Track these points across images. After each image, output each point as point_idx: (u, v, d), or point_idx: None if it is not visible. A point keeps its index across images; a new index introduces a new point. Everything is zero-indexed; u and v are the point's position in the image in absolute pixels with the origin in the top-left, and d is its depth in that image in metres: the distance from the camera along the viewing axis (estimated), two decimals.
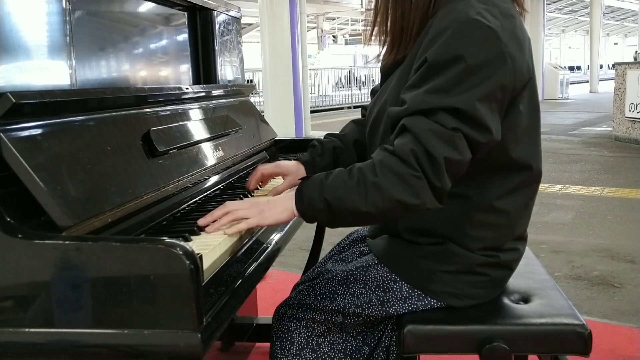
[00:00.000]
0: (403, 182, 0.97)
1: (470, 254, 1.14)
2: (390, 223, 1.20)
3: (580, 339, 1.12)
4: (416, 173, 0.96)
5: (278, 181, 1.45)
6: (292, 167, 1.35)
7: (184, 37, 1.67)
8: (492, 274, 1.17)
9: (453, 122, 0.98)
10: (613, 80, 7.82)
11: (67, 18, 1.12)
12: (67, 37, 1.12)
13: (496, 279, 1.19)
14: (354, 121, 1.45)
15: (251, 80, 10.04)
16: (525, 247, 1.25)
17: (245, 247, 1.08)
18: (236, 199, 1.29)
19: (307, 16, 10.89)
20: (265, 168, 1.36)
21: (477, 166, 1.06)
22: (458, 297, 1.16)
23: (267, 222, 1.06)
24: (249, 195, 1.36)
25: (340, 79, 18.23)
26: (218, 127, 1.53)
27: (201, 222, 1.06)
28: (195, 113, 1.48)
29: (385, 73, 1.23)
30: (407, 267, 1.17)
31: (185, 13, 1.67)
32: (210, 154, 1.42)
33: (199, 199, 1.31)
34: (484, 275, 1.16)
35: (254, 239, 1.13)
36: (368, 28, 1.20)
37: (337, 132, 1.43)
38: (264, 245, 1.18)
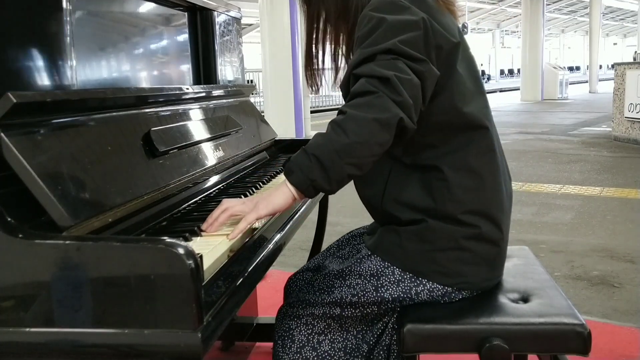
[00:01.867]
0: (369, 105, 1.02)
1: (451, 227, 1.16)
2: (376, 206, 1.23)
3: (580, 339, 1.12)
4: (376, 94, 1.02)
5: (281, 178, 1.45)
6: None
7: (184, 37, 1.67)
8: (477, 248, 1.18)
9: (391, 56, 1.05)
10: (612, 81, 7.82)
11: (67, 18, 1.13)
12: (67, 37, 1.12)
13: (482, 254, 1.19)
14: None
15: (251, 80, 10.04)
16: (507, 228, 1.25)
17: (245, 247, 1.08)
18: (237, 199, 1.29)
19: None
20: None
21: (440, 131, 1.16)
22: (448, 275, 1.17)
23: (265, 212, 1.06)
24: (250, 194, 1.36)
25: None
26: (218, 127, 1.54)
27: (204, 227, 1.07)
28: (196, 113, 1.48)
29: None
30: (395, 252, 1.19)
31: (186, 13, 1.67)
32: (210, 154, 1.42)
33: (199, 199, 1.31)
34: (468, 250, 1.17)
35: (254, 238, 1.14)
36: (332, 72, 1.30)
37: None
38: (264, 245, 1.18)
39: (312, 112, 10.58)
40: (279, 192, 1.06)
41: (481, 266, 1.20)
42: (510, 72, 37.73)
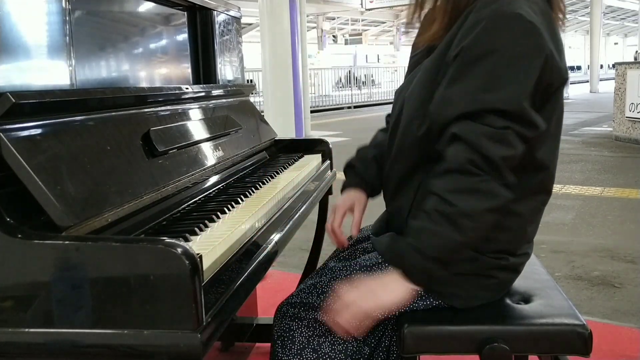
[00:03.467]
0: (477, 192, 0.98)
1: (481, 256, 1.12)
2: (402, 220, 1.19)
3: (581, 339, 1.12)
4: (482, 178, 0.98)
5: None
6: (350, 196, 1.35)
7: (183, 37, 1.67)
8: (500, 276, 1.16)
9: (502, 122, 0.99)
10: (613, 80, 7.82)
11: (67, 18, 1.12)
12: (67, 37, 1.12)
13: (503, 281, 1.18)
14: (380, 130, 1.43)
15: (251, 80, 10.03)
16: (532, 249, 1.24)
17: (245, 247, 1.08)
18: (236, 199, 1.29)
19: (307, 16, 10.90)
20: (336, 220, 1.34)
21: None
22: (463, 299, 1.15)
23: (390, 308, 1.07)
24: (249, 194, 1.36)
25: (340, 79, 18.24)
26: (218, 127, 1.53)
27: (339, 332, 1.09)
28: (195, 113, 1.48)
29: (412, 64, 1.24)
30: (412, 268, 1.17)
31: (185, 13, 1.67)
32: (210, 154, 1.42)
33: (199, 199, 1.31)
34: (492, 277, 1.15)
35: (254, 238, 1.13)
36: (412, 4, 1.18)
37: (367, 144, 1.42)
38: (264, 245, 1.18)
39: (312, 112, 10.58)
40: (396, 292, 1.05)
41: (499, 291, 1.19)
42: None
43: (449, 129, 1.02)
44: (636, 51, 13.34)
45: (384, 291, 1.05)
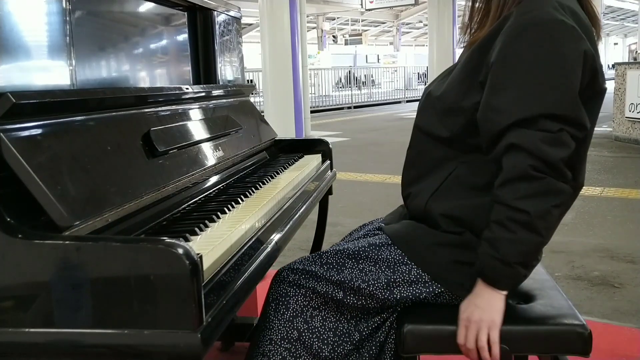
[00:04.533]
0: (544, 194, 1.02)
1: None
2: (418, 205, 1.21)
3: (581, 339, 1.12)
4: (543, 180, 1.02)
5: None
6: None
7: (184, 37, 1.67)
8: None
9: (556, 125, 1.03)
10: (613, 81, 7.82)
11: (67, 18, 1.12)
12: (67, 37, 1.12)
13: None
14: None
15: (251, 80, 10.04)
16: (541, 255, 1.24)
17: (246, 247, 1.08)
18: (237, 199, 1.29)
19: (307, 16, 10.91)
20: None
21: None
22: (467, 290, 1.14)
23: (500, 321, 1.09)
24: (250, 194, 1.36)
25: (340, 79, 18.22)
26: (218, 127, 1.53)
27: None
28: (195, 113, 1.48)
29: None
30: (419, 251, 1.17)
31: (185, 13, 1.67)
32: (210, 154, 1.42)
33: (199, 199, 1.31)
34: None
35: (254, 238, 1.14)
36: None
37: None
38: (264, 245, 1.18)
39: (312, 112, 10.58)
40: (494, 300, 1.08)
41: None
42: None
43: (504, 139, 1.05)
44: (636, 51, 13.32)
45: (489, 305, 1.08)
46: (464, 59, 1.18)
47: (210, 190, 1.39)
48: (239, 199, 1.30)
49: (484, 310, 1.08)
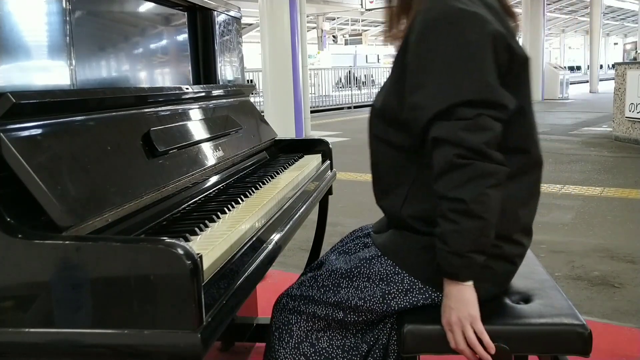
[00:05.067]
0: (475, 179, 1.03)
1: None
2: (394, 214, 1.21)
3: (581, 339, 1.12)
4: (470, 166, 1.03)
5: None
6: None
7: (184, 37, 1.67)
8: (495, 266, 1.17)
9: (472, 111, 1.03)
10: (613, 81, 7.82)
11: (67, 18, 1.12)
12: (67, 37, 1.12)
13: (499, 273, 1.19)
14: None
15: (251, 80, 10.04)
16: (529, 244, 1.25)
17: (246, 247, 1.08)
18: (237, 199, 1.29)
19: (307, 16, 10.90)
20: None
21: None
22: None
23: (476, 314, 1.10)
24: (250, 194, 1.36)
25: (340, 79, 18.22)
26: (218, 127, 1.53)
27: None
28: (195, 113, 1.48)
29: None
30: (408, 258, 1.18)
31: (185, 13, 1.67)
32: (210, 154, 1.42)
33: (199, 199, 1.31)
34: (487, 267, 1.15)
35: (254, 238, 1.13)
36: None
37: None
38: (264, 245, 1.18)
39: (312, 112, 10.57)
40: (463, 294, 1.08)
41: (496, 285, 1.20)
42: None
43: (429, 135, 1.06)
44: (636, 51, 13.33)
45: (460, 302, 1.09)
46: (392, 66, 1.19)
47: (210, 190, 1.39)
48: (239, 199, 1.30)
49: (458, 309, 1.08)
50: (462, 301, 1.08)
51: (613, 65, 8.57)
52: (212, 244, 0.97)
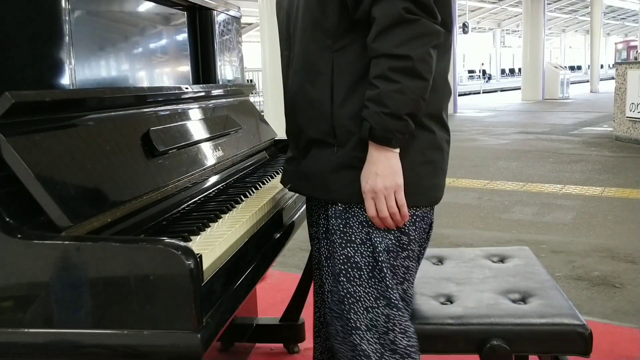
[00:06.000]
0: (422, 36, 0.99)
1: (416, 134, 1.09)
2: (316, 116, 1.13)
3: (581, 339, 1.12)
4: (418, 22, 0.99)
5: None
6: None
7: (183, 36, 1.67)
8: (436, 158, 1.13)
9: None
10: (614, 80, 7.81)
11: (67, 18, 1.12)
12: (67, 37, 1.12)
13: (440, 164, 1.14)
14: None
15: (251, 80, 10.04)
16: (443, 137, 1.15)
17: (245, 247, 1.08)
18: (236, 199, 1.29)
19: None
20: None
21: None
22: (422, 194, 1.12)
23: (401, 182, 1.06)
24: (249, 194, 1.36)
25: None
26: (218, 127, 1.53)
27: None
28: (195, 113, 1.48)
29: None
30: (356, 185, 1.10)
31: (185, 13, 1.67)
32: (210, 154, 1.41)
33: (199, 199, 1.31)
34: (431, 162, 1.11)
35: (254, 238, 1.13)
36: None
37: None
38: (264, 245, 1.18)
39: None
40: (391, 162, 1.05)
41: (440, 177, 1.15)
42: (511, 71, 37.70)
43: None
44: (636, 51, 13.33)
45: (388, 169, 1.05)
46: None
47: (210, 190, 1.39)
48: (238, 199, 1.30)
49: (385, 176, 1.05)
50: (390, 168, 1.05)
51: (614, 65, 8.56)
52: (212, 244, 0.97)
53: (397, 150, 1.06)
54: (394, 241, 1.11)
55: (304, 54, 1.14)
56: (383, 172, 1.05)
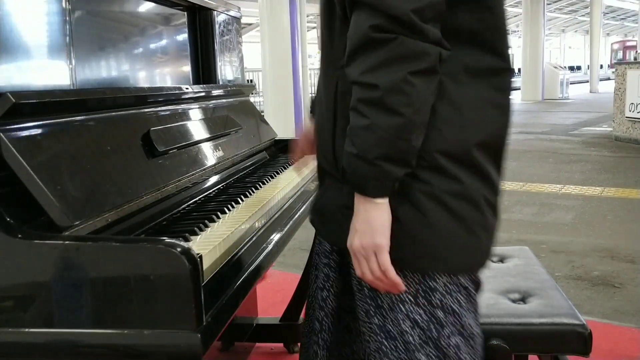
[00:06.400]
0: (396, 60, 0.78)
1: (433, 178, 0.87)
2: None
3: (581, 339, 1.12)
4: (392, 42, 0.78)
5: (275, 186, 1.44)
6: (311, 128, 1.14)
7: (183, 37, 1.67)
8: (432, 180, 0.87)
9: None
10: (613, 80, 7.82)
11: (67, 18, 1.12)
12: (67, 37, 1.12)
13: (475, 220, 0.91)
14: None
15: (251, 80, 10.04)
16: (478, 184, 0.90)
17: (245, 247, 1.08)
18: (236, 199, 1.29)
19: (307, 16, 10.89)
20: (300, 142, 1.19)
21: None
22: (439, 259, 0.90)
23: (386, 242, 0.85)
24: (249, 194, 1.36)
25: None
26: (218, 127, 1.53)
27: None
28: (195, 113, 1.48)
29: None
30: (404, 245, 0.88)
31: (185, 13, 1.67)
32: (210, 154, 1.42)
33: (199, 199, 1.31)
34: (410, 187, 0.87)
35: (254, 238, 1.13)
36: None
37: None
38: (264, 245, 1.18)
39: None
40: (372, 215, 0.84)
41: (479, 237, 0.91)
42: None
43: None
44: (636, 51, 13.33)
45: (366, 225, 0.85)
46: None
47: (210, 190, 1.39)
48: (238, 199, 1.30)
49: (363, 233, 0.85)
50: (369, 224, 0.84)
51: (613, 65, 8.57)
52: (212, 244, 0.97)
53: (382, 200, 0.84)
54: (424, 317, 0.90)
55: (320, 70, 1.00)
56: (360, 227, 0.85)
